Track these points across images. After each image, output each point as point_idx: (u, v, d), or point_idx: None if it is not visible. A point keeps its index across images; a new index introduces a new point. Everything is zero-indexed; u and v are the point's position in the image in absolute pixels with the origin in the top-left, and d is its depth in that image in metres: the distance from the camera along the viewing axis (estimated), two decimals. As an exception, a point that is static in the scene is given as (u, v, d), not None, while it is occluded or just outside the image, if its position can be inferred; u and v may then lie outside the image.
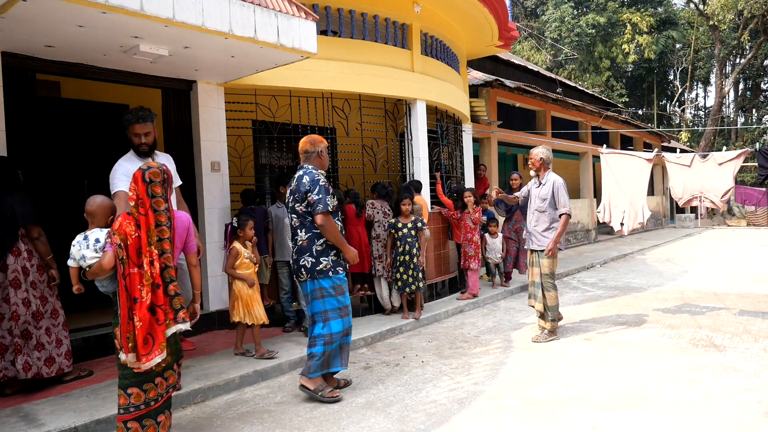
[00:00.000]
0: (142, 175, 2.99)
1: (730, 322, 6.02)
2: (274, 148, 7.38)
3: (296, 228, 4.02)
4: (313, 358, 4.00)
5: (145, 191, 2.97)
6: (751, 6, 24.14)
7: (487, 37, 9.33)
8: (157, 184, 3.00)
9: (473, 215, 7.19)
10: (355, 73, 6.64)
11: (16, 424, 3.48)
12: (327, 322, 4.01)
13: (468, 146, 9.61)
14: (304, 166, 4.10)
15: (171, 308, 2.96)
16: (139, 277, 2.90)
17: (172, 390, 3.19)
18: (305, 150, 4.14)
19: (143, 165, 3.05)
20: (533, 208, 5.61)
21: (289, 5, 4.65)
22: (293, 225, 4.05)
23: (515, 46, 28.07)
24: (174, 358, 3.15)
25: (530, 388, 4.13)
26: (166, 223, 3.01)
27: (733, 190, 6.84)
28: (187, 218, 3.27)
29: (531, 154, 5.64)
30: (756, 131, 33.68)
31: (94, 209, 3.20)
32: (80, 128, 6.92)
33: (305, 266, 3.98)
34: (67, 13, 3.56)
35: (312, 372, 4.00)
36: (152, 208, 2.97)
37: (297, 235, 4.02)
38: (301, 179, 3.99)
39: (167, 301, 2.95)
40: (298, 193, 3.98)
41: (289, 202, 4.05)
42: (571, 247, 14.34)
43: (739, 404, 3.69)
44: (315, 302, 4.01)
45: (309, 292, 4.03)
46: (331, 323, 4.00)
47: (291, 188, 4.07)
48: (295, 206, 4.00)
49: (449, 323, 6.42)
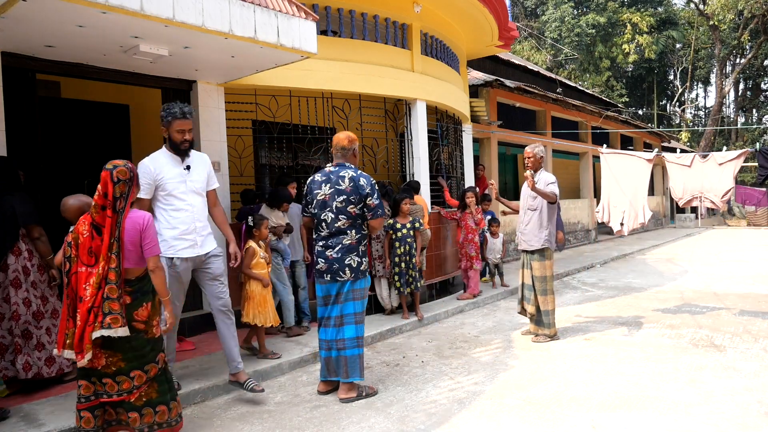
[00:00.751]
0: (110, 174, 2.96)
1: (730, 322, 6.02)
2: (274, 148, 7.38)
3: (345, 228, 3.95)
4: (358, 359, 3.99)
5: (112, 191, 2.95)
6: (751, 6, 24.15)
7: (487, 37, 9.33)
8: (124, 182, 2.97)
9: (476, 216, 7.18)
10: (355, 73, 6.65)
11: (16, 424, 3.48)
12: (360, 325, 4.01)
13: (468, 146, 9.61)
14: (346, 165, 4.02)
15: (101, 311, 2.87)
16: (85, 276, 2.89)
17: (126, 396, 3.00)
18: (342, 146, 4.06)
19: (109, 165, 2.99)
20: (525, 207, 5.52)
21: (289, 5, 4.64)
22: (340, 226, 3.95)
23: (515, 46, 28.07)
24: (131, 365, 3.00)
25: (530, 388, 4.13)
26: (119, 224, 2.96)
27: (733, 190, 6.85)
28: (141, 219, 3.05)
29: (529, 152, 5.46)
30: (756, 131, 33.70)
31: (64, 210, 3.43)
32: (80, 128, 6.92)
33: (350, 265, 3.94)
34: (67, 13, 3.56)
35: (360, 374, 3.99)
36: (114, 210, 2.94)
37: (344, 235, 3.95)
38: (357, 181, 3.92)
39: (101, 303, 2.87)
40: (355, 195, 3.91)
41: (335, 202, 3.93)
42: (571, 247, 14.34)
43: (739, 404, 3.69)
44: (353, 303, 3.97)
45: (346, 292, 3.96)
46: (362, 326, 4.04)
47: (340, 188, 3.93)
48: (347, 207, 3.92)
49: (449, 323, 6.42)
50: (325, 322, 4.05)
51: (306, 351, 5.01)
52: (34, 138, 4.76)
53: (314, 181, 4.07)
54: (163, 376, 3.17)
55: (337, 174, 3.99)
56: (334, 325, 4.00)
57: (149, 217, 3.10)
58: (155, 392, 3.10)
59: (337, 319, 3.99)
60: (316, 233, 4.08)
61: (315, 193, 4.01)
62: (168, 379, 3.20)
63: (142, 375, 3.03)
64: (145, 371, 3.05)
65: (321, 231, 4.01)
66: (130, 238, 2.99)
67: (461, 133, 9.35)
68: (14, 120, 4.53)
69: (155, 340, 3.11)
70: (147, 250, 3.03)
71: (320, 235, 4.02)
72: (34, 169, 4.74)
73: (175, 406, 3.19)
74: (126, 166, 3.03)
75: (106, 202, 2.94)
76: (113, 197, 2.95)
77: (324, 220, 3.98)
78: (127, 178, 3.00)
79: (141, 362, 3.03)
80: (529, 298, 5.53)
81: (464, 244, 7.25)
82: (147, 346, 3.05)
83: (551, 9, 28.89)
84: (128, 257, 3.00)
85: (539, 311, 5.46)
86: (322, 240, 4.00)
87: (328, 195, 3.96)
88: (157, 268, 3.07)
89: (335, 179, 3.97)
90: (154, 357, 3.10)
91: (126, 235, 2.98)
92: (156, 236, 3.10)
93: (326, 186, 3.98)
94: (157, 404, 3.10)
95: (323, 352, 4.07)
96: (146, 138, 7.24)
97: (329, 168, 4.07)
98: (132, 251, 3.00)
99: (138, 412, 3.05)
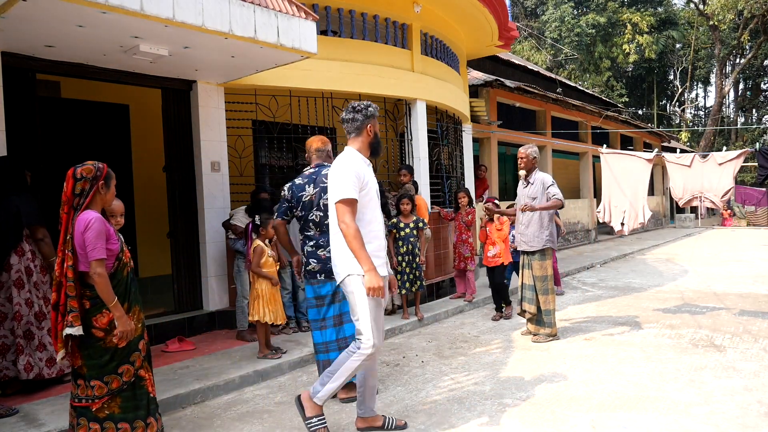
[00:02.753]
0: (73, 171, 2.93)
1: (730, 322, 6.02)
2: (274, 148, 7.37)
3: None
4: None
5: (71, 189, 2.90)
6: (751, 6, 24.15)
7: (487, 37, 9.33)
8: (86, 180, 2.91)
9: (465, 217, 7.10)
10: (355, 73, 6.65)
11: (16, 424, 3.49)
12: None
13: (468, 146, 9.61)
14: (325, 164, 4.05)
15: (66, 309, 2.81)
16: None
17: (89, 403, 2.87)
18: (318, 148, 4.11)
19: (79, 164, 2.96)
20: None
21: (289, 5, 4.65)
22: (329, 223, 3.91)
23: (515, 46, 28.07)
24: (90, 373, 2.88)
25: (530, 388, 4.13)
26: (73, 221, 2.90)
27: (733, 190, 6.84)
28: (84, 220, 2.84)
29: (522, 153, 5.43)
30: (756, 131, 33.71)
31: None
32: (80, 128, 6.92)
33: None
34: (67, 13, 3.56)
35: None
36: (74, 207, 2.90)
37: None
38: None
39: (65, 301, 2.83)
40: None
41: (321, 200, 3.92)
42: (571, 247, 14.34)
43: (739, 404, 3.69)
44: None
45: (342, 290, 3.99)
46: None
47: (325, 186, 3.88)
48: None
49: (449, 323, 6.42)
50: (321, 324, 3.98)
51: (306, 351, 5.01)
52: (34, 138, 4.76)
53: (296, 185, 4.03)
54: (130, 392, 2.96)
55: (319, 174, 4.02)
56: (332, 325, 3.98)
57: (95, 217, 2.86)
58: (117, 408, 2.91)
59: (335, 318, 3.97)
60: (304, 235, 4.04)
61: (300, 196, 3.99)
62: (136, 396, 2.98)
63: (102, 386, 2.87)
64: (105, 382, 2.87)
65: (309, 231, 3.99)
66: (77, 239, 2.85)
67: (461, 133, 9.35)
68: (14, 120, 4.54)
69: (116, 351, 2.90)
70: (88, 253, 2.81)
71: (309, 235, 3.99)
72: (34, 169, 4.74)
73: (140, 427, 2.97)
74: (94, 165, 2.96)
75: (66, 198, 2.90)
76: (72, 193, 2.89)
77: (312, 220, 3.96)
78: (91, 176, 2.92)
79: (100, 372, 2.87)
80: (529, 299, 5.52)
81: (458, 244, 7.16)
82: (105, 355, 2.87)
83: (551, 9, 28.89)
84: (81, 260, 2.85)
85: (540, 311, 5.46)
86: (313, 240, 3.97)
87: (314, 195, 3.98)
88: (95, 275, 2.80)
89: (318, 179, 4.00)
90: (115, 368, 2.90)
91: (75, 236, 2.85)
92: (99, 239, 2.82)
93: (310, 187, 4.00)
94: (119, 421, 2.90)
95: (320, 356, 4.00)
96: (146, 138, 7.25)
97: (308, 171, 4.09)
98: (79, 253, 2.85)
99: (99, 424, 2.88)
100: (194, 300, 5.88)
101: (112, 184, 3.04)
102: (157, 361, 4.60)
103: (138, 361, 3.00)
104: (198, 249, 5.88)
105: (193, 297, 5.88)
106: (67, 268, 2.83)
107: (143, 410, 3.00)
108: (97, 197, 2.96)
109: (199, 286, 5.90)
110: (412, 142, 7.43)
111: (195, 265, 5.87)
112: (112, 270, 2.94)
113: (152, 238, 7.25)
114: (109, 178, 3.01)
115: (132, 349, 2.97)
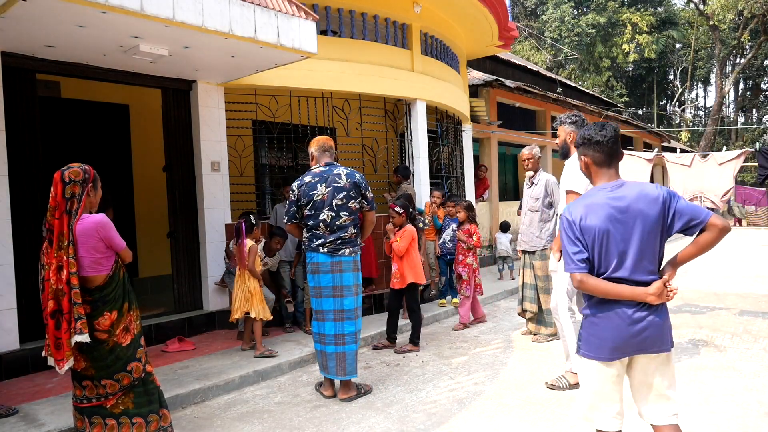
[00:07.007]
0: (61, 175, 2.86)
1: (730, 322, 6.02)
2: (274, 148, 7.38)
3: (346, 225, 3.99)
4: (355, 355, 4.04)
5: (62, 193, 2.83)
6: (751, 6, 24.14)
7: (487, 37, 9.33)
8: (75, 183, 2.86)
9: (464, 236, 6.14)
10: (355, 73, 6.65)
11: (16, 423, 3.49)
12: (358, 320, 4.08)
13: (468, 146, 9.61)
14: (335, 164, 4.10)
15: (72, 317, 2.76)
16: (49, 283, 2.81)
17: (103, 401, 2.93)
18: (325, 147, 4.13)
19: (65, 167, 2.91)
20: (525, 208, 5.52)
21: (289, 5, 4.65)
22: (341, 223, 3.97)
23: (515, 46, 28.07)
24: (99, 373, 2.91)
25: (530, 388, 4.13)
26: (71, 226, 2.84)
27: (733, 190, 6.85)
28: (96, 222, 2.87)
29: (526, 154, 5.44)
30: (756, 131, 33.69)
31: None
32: (80, 128, 6.92)
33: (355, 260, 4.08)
34: (67, 13, 3.56)
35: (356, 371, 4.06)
36: (67, 211, 2.83)
37: (344, 231, 3.99)
38: (354, 176, 4.03)
39: (70, 309, 2.76)
40: (354, 190, 4.00)
41: (334, 200, 3.94)
42: (571, 247, 14.32)
43: (739, 404, 3.69)
44: (353, 298, 4.03)
45: (353, 286, 4.06)
46: (360, 321, 4.11)
47: (338, 185, 3.96)
48: (348, 203, 3.98)
49: (449, 323, 6.41)
50: (319, 315, 4.05)
51: (306, 351, 5.01)
52: (34, 138, 4.76)
53: (306, 183, 3.99)
54: (142, 387, 3.03)
55: (331, 173, 4.00)
56: (333, 319, 4.00)
57: (102, 217, 2.91)
58: (131, 403, 2.99)
59: (337, 312, 4.00)
60: (310, 233, 4.03)
61: (311, 195, 3.96)
62: (148, 391, 3.06)
63: (114, 384, 2.94)
64: (116, 380, 2.94)
65: (318, 230, 3.99)
66: (83, 244, 2.83)
67: (461, 133, 9.35)
68: (14, 120, 4.54)
69: (120, 349, 2.94)
70: (115, 246, 2.93)
71: (317, 234, 4.00)
72: (34, 169, 4.74)
73: (155, 420, 3.05)
74: (81, 168, 2.91)
75: (55, 203, 2.84)
76: (62, 197, 2.83)
77: (323, 219, 3.95)
78: (80, 179, 2.87)
79: (108, 371, 2.93)
80: (530, 298, 5.53)
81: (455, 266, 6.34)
82: (110, 356, 2.91)
83: (551, 9, 28.90)
84: (83, 264, 2.83)
85: (541, 310, 5.48)
86: (320, 239, 3.98)
87: (326, 194, 3.95)
88: (128, 257, 3.06)
89: (331, 178, 3.98)
90: (123, 366, 2.95)
91: (82, 240, 2.83)
92: (116, 232, 2.95)
93: (322, 186, 3.97)
94: (133, 415, 2.98)
95: (317, 345, 4.09)
96: (146, 138, 7.25)
97: (318, 169, 4.05)
98: (85, 258, 2.84)
99: (116, 419, 2.95)
100: (194, 300, 5.87)
101: (98, 186, 3.04)
102: (157, 361, 4.61)
103: (143, 356, 3.07)
104: (198, 249, 5.88)
105: (193, 297, 5.88)
106: (69, 275, 2.77)
107: (156, 404, 3.08)
108: (86, 200, 2.93)
109: (199, 286, 5.90)
110: (411, 142, 7.43)
111: (195, 265, 5.87)
112: (111, 272, 2.94)
113: (152, 238, 7.25)
114: (96, 181, 3.01)
115: (136, 345, 3.04)
